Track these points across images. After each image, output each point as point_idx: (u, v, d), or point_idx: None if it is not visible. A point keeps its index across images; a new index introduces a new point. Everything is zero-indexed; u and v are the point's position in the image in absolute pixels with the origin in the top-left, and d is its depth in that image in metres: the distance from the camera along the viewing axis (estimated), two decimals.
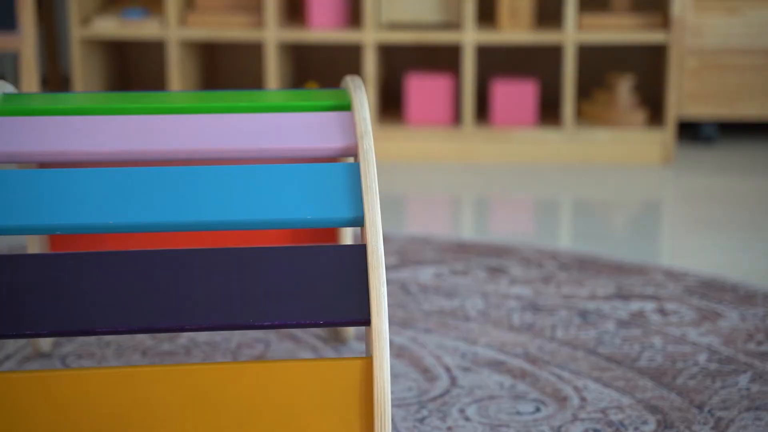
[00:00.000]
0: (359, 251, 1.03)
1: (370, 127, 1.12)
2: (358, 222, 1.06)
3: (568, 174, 2.68)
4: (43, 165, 1.43)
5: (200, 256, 1.02)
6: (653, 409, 1.33)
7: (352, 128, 1.15)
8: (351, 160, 1.40)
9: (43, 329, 0.97)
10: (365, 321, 1.01)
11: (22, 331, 0.97)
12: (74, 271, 1.00)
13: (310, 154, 1.13)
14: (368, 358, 1.00)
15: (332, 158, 1.44)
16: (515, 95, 2.79)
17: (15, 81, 3.50)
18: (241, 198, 1.06)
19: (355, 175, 1.09)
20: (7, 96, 1.24)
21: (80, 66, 2.81)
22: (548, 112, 2.94)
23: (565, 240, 2.13)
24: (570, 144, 2.77)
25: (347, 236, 1.53)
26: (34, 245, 1.46)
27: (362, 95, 1.18)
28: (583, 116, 2.86)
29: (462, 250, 2.00)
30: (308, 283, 1.02)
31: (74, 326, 0.98)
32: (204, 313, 1.00)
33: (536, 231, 2.22)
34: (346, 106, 1.21)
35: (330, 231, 1.57)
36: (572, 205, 2.45)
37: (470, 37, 2.72)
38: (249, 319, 1.00)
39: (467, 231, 2.20)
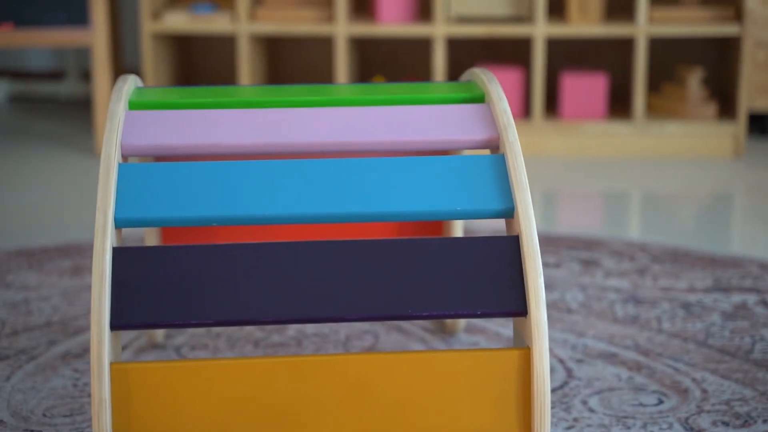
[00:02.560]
0: (512, 242, 1.04)
1: (512, 119, 1.12)
2: (509, 213, 1.06)
3: (638, 167, 2.67)
4: (160, 158, 1.44)
5: (356, 248, 1.03)
6: None
7: (490, 120, 1.15)
8: (485, 152, 1.41)
9: (209, 319, 0.98)
10: (522, 312, 1.01)
11: (189, 320, 0.98)
12: (236, 262, 1.01)
13: (453, 146, 1.14)
14: (525, 349, 1.01)
15: (447, 150, 1.44)
16: (585, 88, 2.79)
17: (80, 75, 3.53)
18: (391, 189, 1.07)
19: (500, 167, 1.10)
20: (139, 90, 1.25)
21: (150, 60, 2.82)
22: (616, 105, 2.93)
23: (641, 233, 2.12)
24: (640, 137, 2.76)
25: (457, 229, 1.53)
26: (150, 237, 1.48)
27: (499, 87, 1.18)
28: (652, 109, 2.86)
29: (550, 242, 2.00)
30: (463, 274, 1.02)
31: (238, 316, 0.99)
32: (363, 304, 1.00)
33: (612, 224, 2.22)
34: (479, 98, 1.21)
35: (437, 224, 1.58)
36: (645, 199, 2.44)
37: (541, 30, 2.72)
38: (407, 310, 1.01)
39: (543, 224, 2.20)
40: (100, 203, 1.01)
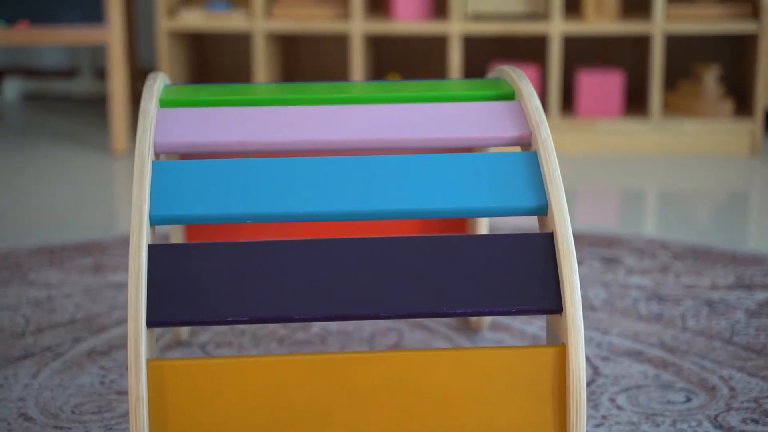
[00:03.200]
0: (546, 239, 1.04)
1: (544, 116, 1.12)
2: (542, 210, 1.06)
3: (655, 165, 2.67)
4: (185, 156, 1.44)
5: (390, 244, 1.03)
6: None
7: (521, 117, 1.15)
8: (515, 149, 1.41)
9: (244, 316, 0.98)
10: (557, 309, 1.01)
11: (225, 317, 0.98)
12: (272, 260, 1.01)
13: (484, 143, 1.14)
14: (561, 346, 1.01)
15: (476, 148, 1.44)
16: (601, 86, 2.79)
17: (93, 73, 3.53)
18: (424, 186, 1.07)
19: (532, 164, 1.09)
20: (168, 87, 1.25)
21: (166, 58, 2.83)
22: (633, 102, 2.93)
23: (660, 231, 2.12)
24: (657, 135, 2.76)
25: (482, 227, 1.53)
26: (175, 234, 1.48)
27: (529, 85, 1.18)
28: (668, 107, 2.85)
29: None
30: (498, 271, 1.02)
31: (273, 313, 0.99)
32: (398, 301, 1.00)
33: (630, 221, 2.21)
34: (509, 96, 1.21)
35: (461, 221, 1.57)
36: (663, 196, 2.44)
37: (557, 27, 2.71)
38: (442, 307, 1.00)
39: None
40: (136, 201, 1.01)
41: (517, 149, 1.56)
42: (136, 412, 0.94)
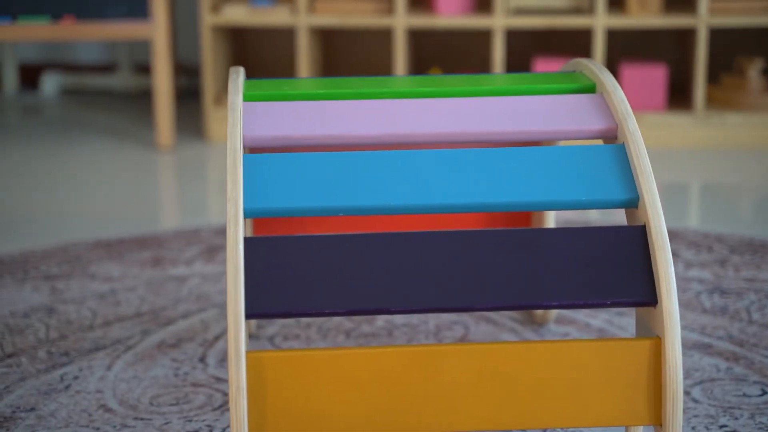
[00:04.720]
0: (639, 232, 1.04)
1: (630, 109, 1.12)
2: (633, 203, 1.06)
3: (699, 158, 2.66)
4: (253, 150, 1.44)
5: (483, 237, 1.03)
6: None
7: (605, 110, 1.15)
8: (599, 142, 1.41)
9: (340, 308, 0.99)
10: (652, 301, 1.01)
11: (321, 309, 0.99)
12: (364, 252, 1.02)
13: (570, 136, 1.14)
14: (656, 339, 1.01)
15: (549, 140, 1.44)
16: (644, 79, 2.78)
17: (132, 68, 3.54)
18: (514, 179, 1.07)
19: (620, 157, 1.09)
20: (249, 82, 1.25)
21: (210, 53, 2.83)
22: (676, 96, 2.92)
23: (710, 224, 2.11)
24: (700, 128, 2.75)
25: (550, 221, 1.53)
26: (246, 228, 1.48)
27: (611, 77, 1.18)
28: (711, 100, 2.84)
29: None
30: (591, 264, 1.02)
31: (369, 305, 0.99)
32: (492, 294, 1.00)
33: (679, 215, 2.21)
34: (589, 89, 1.21)
35: (526, 216, 1.58)
36: (709, 190, 2.43)
37: (601, 21, 2.71)
38: (537, 300, 1.01)
39: (608, 215, 2.19)
40: (230, 194, 1.02)
41: (589, 143, 1.56)
42: (236, 403, 0.95)
